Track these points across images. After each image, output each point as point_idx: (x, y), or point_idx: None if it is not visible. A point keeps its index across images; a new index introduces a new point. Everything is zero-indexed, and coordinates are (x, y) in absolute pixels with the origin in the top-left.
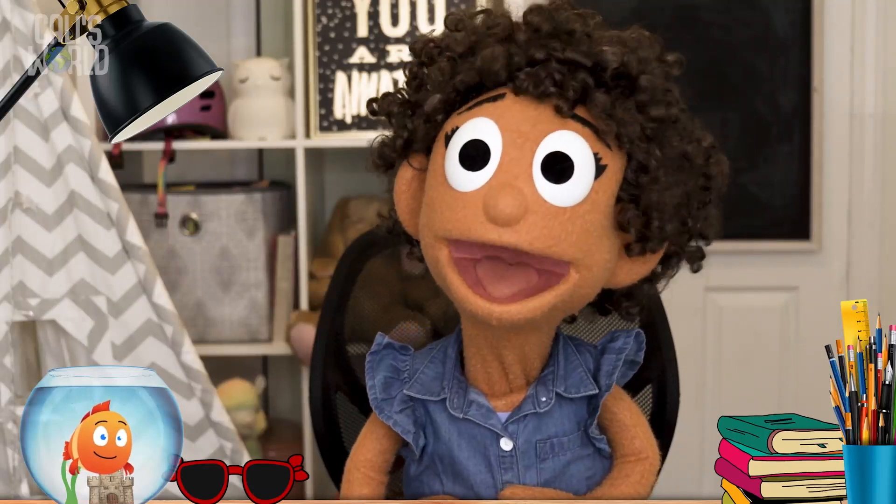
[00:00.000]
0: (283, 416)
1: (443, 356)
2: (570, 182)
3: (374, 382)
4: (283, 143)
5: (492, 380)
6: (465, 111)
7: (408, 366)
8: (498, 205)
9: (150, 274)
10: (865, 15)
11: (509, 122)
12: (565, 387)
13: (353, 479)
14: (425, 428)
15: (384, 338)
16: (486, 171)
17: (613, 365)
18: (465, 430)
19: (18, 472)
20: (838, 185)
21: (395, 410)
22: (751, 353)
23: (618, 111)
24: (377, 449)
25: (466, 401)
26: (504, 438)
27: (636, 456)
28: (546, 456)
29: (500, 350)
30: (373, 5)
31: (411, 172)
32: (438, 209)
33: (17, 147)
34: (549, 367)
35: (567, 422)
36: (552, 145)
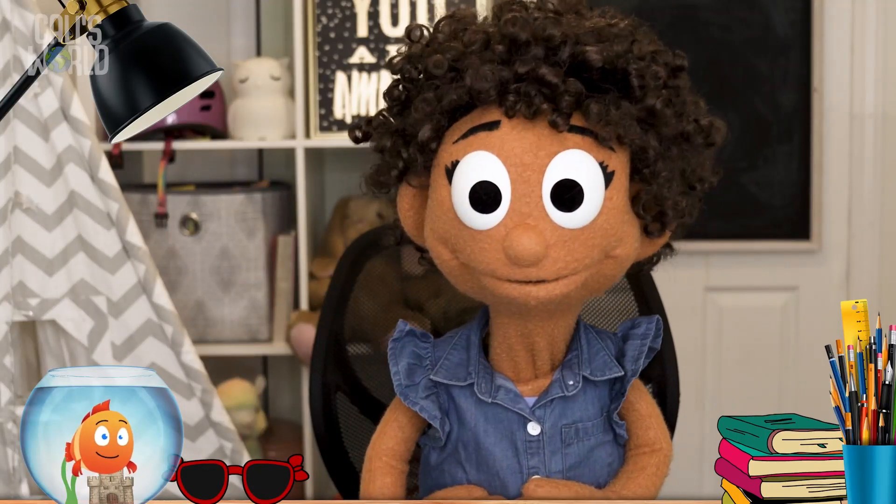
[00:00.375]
0: (283, 416)
1: (465, 343)
2: (581, 207)
3: (398, 369)
4: (283, 143)
5: (518, 366)
6: (460, 140)
7: (429, 353)
8: (519, 251)
9: (150, 274)
10: (865, 15)
11: (511, 153)
12: (591, 370)
13: (374, 469)
14: (449, 414)
15: (406, 325)
16: (498, 212)
17: (639, 350)
18: (491, 415)
19: (18, 472)
20: (838, 185)
21: (420, 396)
22: (751, 353)
23: (613, 114)
24: (399, 437)
25: (494, 386)
26: (532, 423)
27: (650, 447)
28: (571, 441)
29: (530, 337)
30: (373, 5)
31: (412, 192)
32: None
33: (17, 147)
34: (573, 351)
35: (591, 407)
36: (558, 172)
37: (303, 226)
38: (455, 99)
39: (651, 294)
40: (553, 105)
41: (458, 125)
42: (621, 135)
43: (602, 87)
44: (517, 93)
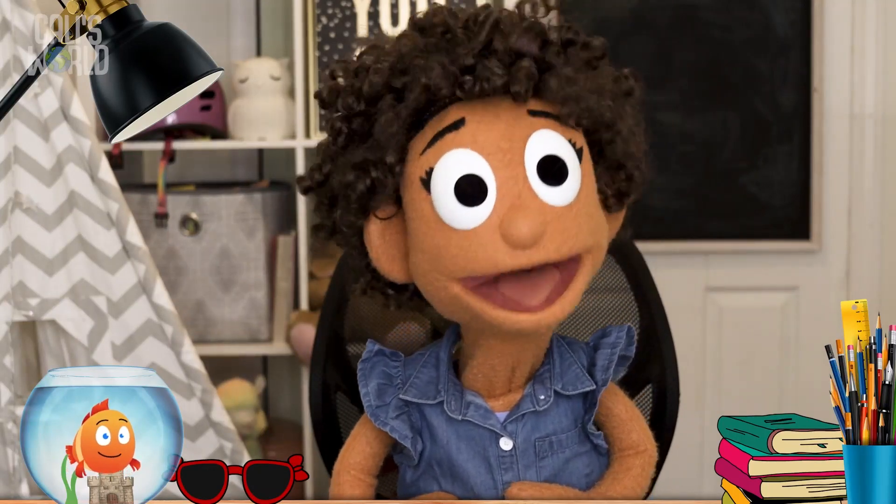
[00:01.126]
0: (283, 416)
1: (435, 360)
2: (568, 180)
3: (367, 390)
4: (283, 143)
5: (492, 383)
6: (427, 148)
7: (400, 372)
8: (519, 229)
9: (150, 274)
10: (865, 15)
11: (485, 144)
12: (562, 384)
13: (342, 482)
14: (422, 432)
15: (375, 345)
16: (487, 202)
17: (609, 359)
18: (463, 432)
19: (18, 472)
20: (838, 185)
21: (390, 416)
22: (751, 353)
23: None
24: (367, 452)
25: (464, 402)
26: (504, 438)
27: (634, 449)
28: (545, 454)
29: (517, 356)
30: (373, 5)
31: (381, 224)
32: (448, 253)
33: (17, 147)
34: (545, 365)
35: (565, 419)
36: (538, 150)
37: (303, 226)
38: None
39: (651, 294)
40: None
41: (420, 136)
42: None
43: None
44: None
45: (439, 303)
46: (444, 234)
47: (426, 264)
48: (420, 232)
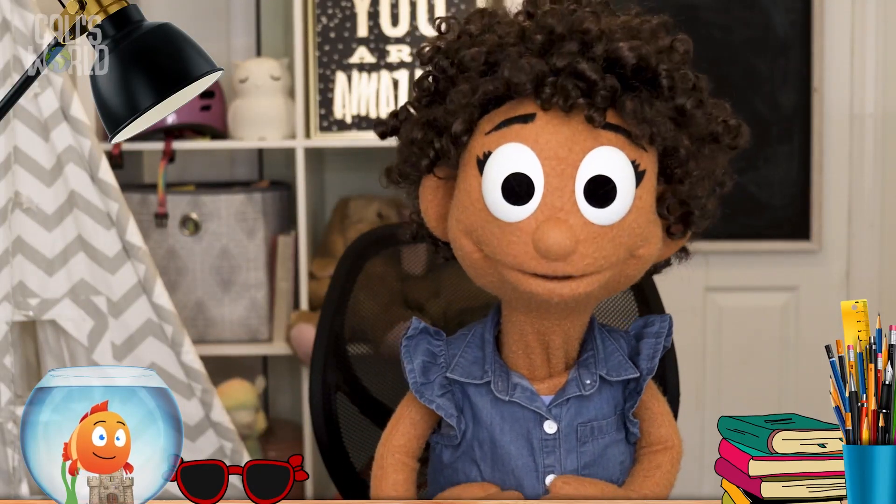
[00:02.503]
0: (283, 416)
1: (479, 341)
2: (614, 204)
3: (413, 367)
4: (283, 143)
5: (533, 364)
6: (493, 131)
7: (443, 350)
8: (549, 244)
9: (150, 274)
10: (865, 15)
11: (545, 147)
12: (607, 370)
13: (386, 465)
14: (464, 412)
15: (420, 322)
16: (530, 204)
17: (654, 349)
18: (508, 413)
19: (18, 472)
20: (838, 185)
21: (436, 394)
22: (751, 353)
23: (647, 112)
24: (412, 434)
25: (511, 384)
26: (548, 421)
27: (663, 444)
28: (586, 439)
29: (546, 335)
30: (373, 5)
31: (436, 183)
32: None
33: (17, 147)
34: (588, 350)
35: (606, 405)
36: (592, 168)
37: (303, 226)
38: (491, 90)
39: (651, 294)
40: (589, 100)
41: (491, 116)
42: (654, 133)
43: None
44: (554, 86)
45: (469, 267)
46: (484, 216)
47: (459, 231)
48: (463, 205)
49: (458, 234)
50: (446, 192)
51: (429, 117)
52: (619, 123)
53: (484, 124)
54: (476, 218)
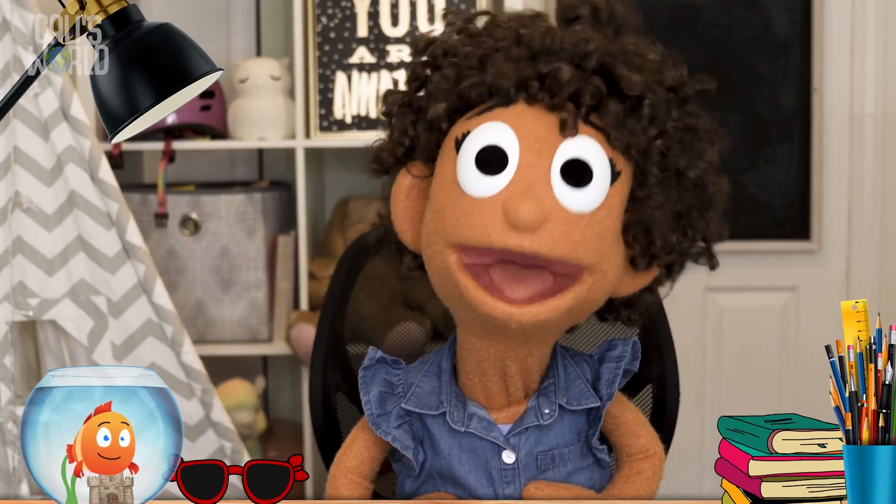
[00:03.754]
0: (283, 416)
1: (437, 369)
2: (589, 187)
3: (369, 398)
4: (283, 143)
5: (490, 393)
6: (474, 115)
7: (401, 380)
8: (519, 211)
9: (150, 274)
10: (865, 15)
11: (525, 126)
12: (567, 398)
13: (339, 485)
14: (423, 442)
15: (377, 352)
16: (503, 175)
17: (613, 373)
18: (465, 443)
19: (18, 472)
20: (838, 185)
21: (392, 426)
22: (751, 353)
23: (629, 121)
24: (365, 456)
25: (467, 414)
26: (506, 451)
27: (644, 453)
28: (547, 467)
29: (503, 362)
30: (373, 5)
31: (410, 180)
32: (451, 216)
33: (17, 147)
34: (549, 378)
35: (568, 433)
36: (570, 151)
37: (303, 226)
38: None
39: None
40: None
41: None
42: (630, 144)
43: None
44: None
45: (434, 273)
46: (455, 195)
47: (432, 224)
48: (436, 192)
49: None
50: (418, 195)
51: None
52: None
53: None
54: (447, 198)
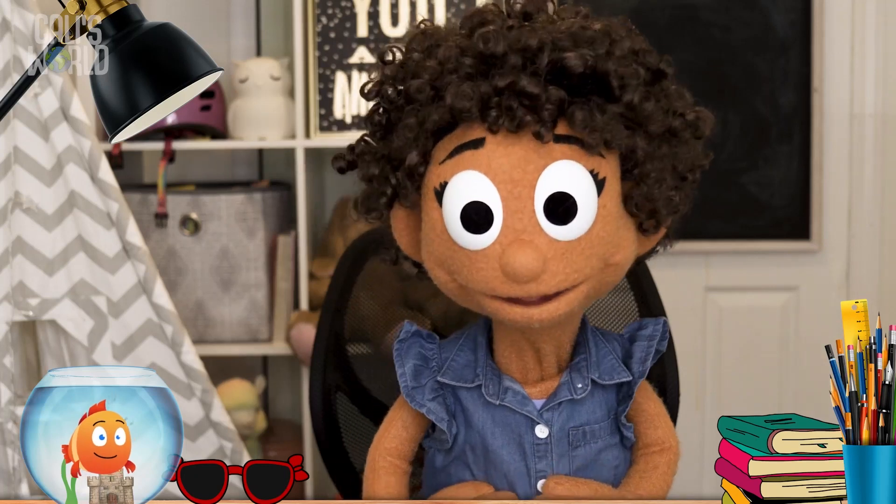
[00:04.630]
0: (283, 416)
1: (472, 344)
2: (576, 219)
3: (404, 370)
4: (283, 143)
5: (526, 368)
6: (446, 160)
7: (436, 354)
8: (516, 267)
9: (150, 274)
10: (865, 15)
11: (499, 171)
12: (599, 373)
13: (378, 468)
14: (456, 416)
15: (413, 325)
16: (491, 231)
17: (646, 352)
18: (499, 417)
19: (18, 472)
20: (838, 185)
21: (427, 398)
22: (751, 353)
23: (598, 119)
24: (403, 437)
25: (502, 388)
26: (540, 425)
27: (660, 445)
28: (578, 444)
29: (536, 341)
30: (373, 5)
31: (405, 212)
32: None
33: (17, 147)
34: (580, 354)
35: (599, 409)
36: (550, 185)
37: (303, 226)
38: (437, 120)
39: (651, 294)
40: (536, 116)
41: (443, 144)
42: (608, 139)
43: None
44: (499, 107)
45: (448, 292)
46: (450, 246)
47: (432, 262)
48: (429, 237)
49: (431, 265)
50: (416, 220)
51: (384, 152)
52: (571, 134)
53: (438, 153)
54: (443, 248)
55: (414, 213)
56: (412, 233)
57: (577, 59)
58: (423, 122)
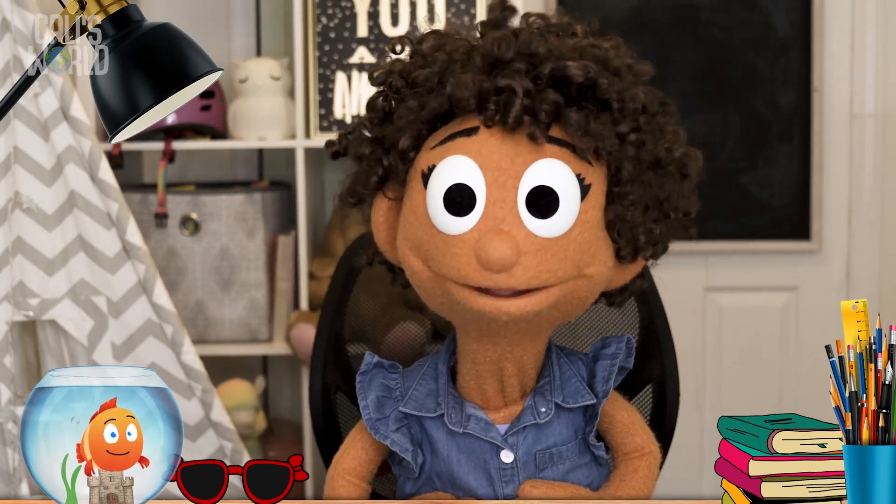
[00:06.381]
0: (283, 416)
1: (434, 372)
2: (556, 215)
3: (367, 402)
4: (283, 143)
5: (486, 395)
6: (438, 146)
7: (398, 384)
8: (490, 254)
9: (150, 274)
10: (865, 15)
11: (488, 158)
12: (563, 397)
13: (337, 486)
14: (422, 445)
15: (373, 357)
16: (472, 215)
17: (608, 370)
18: (464, 444)
19: (18, 472)
20: (838, 185)
21: (391, 429)
22: (751, 353)
23: (592, 126)
24: (363, 458)
25: (464, 415)
26: (505, 451)
27: (640, 451)
28: (546, 466)
29: (499, 363)
30: (373, 5)
31: (387, 204)
32: (429, 250)
33: (17, 147)
34: (544, 377)
35: (565, 431)
36: (535, 179)
37: (303, 226)
38: (436, 107)
39: (651, 294)
40: (532, 116)
41: (438, 133)
42: (599, 147)
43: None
44: (496, 103)
45: (419, 288)
46: (428, 231)
47: (407, 249)
48: (408, 220)
49: (406, 252)
50: (396, 214)
51: (377, 135)
52: (563, 138)
53: (431, 141)
54: (421, 232)
55: (395, 206)
56: (391, 226)
57: (578, 69)
58: (422, 108)
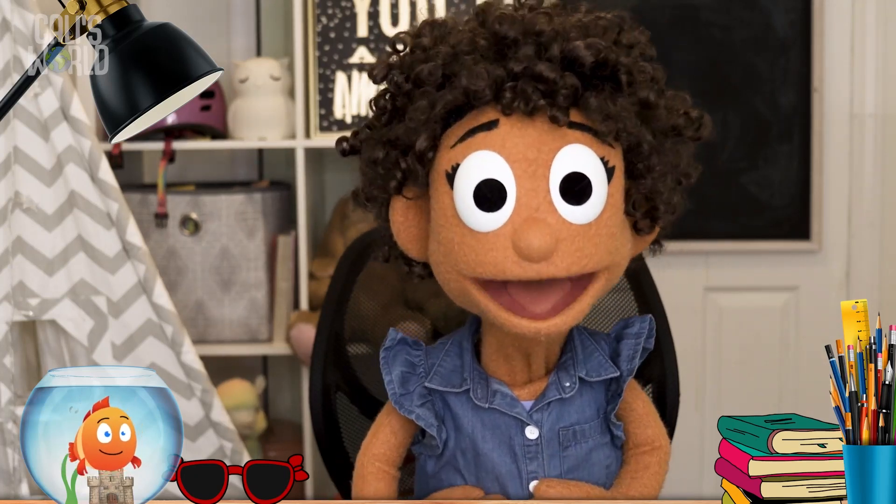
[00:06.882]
0: (283, 416)
1: (458, 349)
2: (590, 200)
3: (391, 378)
4: (283, 143)
5: (514, 370)
6: (458, 143)
7: (422, 360)
8: (530, 243)
9: (150, 274)
10: (865, 15)
11: (513, 150)
12: (586, 371)
13: (366, 474)
14: (445, 421)
15: (398, 333)
16: (505, 209)
17: (633, 349)
18: (488, 420)
19: (18, 472)
20: (838, 185)
21: (415, 404)
22: (751, 353)
23: (612, 108)
24: (392, 443)
25: (490, 391)
26: (530, 427)
27: (650, 445)
28: (569, 444)
29: (528, 346)
30: (373, 5)
31: (405, 203)
32: (461, 251)
33: (17, 147)
34: (567, 353)
35: (588, 408)
36: (565, 166)
37: (303, 226)
38: (451, 100)
39: (651, 294)
40: (551, 100)
41: (454, 130)
42: (620, 129)
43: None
44: (514, 90)
45: (450, 292)
46: (460, 231)
47: (440, 255)
48: (438, 224)
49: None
50: (418, 212)
51: (389, 136)
52: (583, 122)
53: (447, 138)
54: (452, 233)
55: (415, 204)
56: (412, 226)
57: (587, 49)
58: (433, 105)
